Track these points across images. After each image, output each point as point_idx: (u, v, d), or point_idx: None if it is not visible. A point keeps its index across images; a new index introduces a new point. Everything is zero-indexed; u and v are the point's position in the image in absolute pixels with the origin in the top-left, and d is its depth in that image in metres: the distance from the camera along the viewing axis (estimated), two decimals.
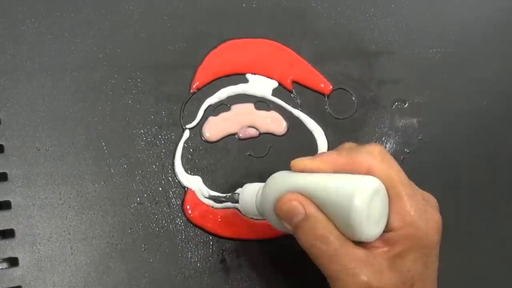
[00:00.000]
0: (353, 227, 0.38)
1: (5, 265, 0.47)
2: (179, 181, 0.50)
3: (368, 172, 0.39)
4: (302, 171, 0.42)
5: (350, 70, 0.55)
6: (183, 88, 0.52)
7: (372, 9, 0.57)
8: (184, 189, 0.50)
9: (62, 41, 0.51)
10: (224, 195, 0.50)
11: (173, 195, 0.50)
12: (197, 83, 0.52)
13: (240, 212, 0.50)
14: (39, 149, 0.49)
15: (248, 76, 0.53)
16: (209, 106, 0.52)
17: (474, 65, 0.59)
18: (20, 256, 0.47)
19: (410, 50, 0.57)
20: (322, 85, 0.54)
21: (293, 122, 0.53)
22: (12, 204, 0.47)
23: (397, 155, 0.54)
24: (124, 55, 0.52)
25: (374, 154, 0.40)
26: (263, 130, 0.52)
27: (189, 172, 0.51)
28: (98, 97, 0.51)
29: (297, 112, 0.53)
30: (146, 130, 0.51)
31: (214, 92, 0.52)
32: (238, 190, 0.47)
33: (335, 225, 0.39)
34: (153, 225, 0.49)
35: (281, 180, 0.42)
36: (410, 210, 0.39)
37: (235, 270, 0.50)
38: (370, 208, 0.38)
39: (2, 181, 0.48)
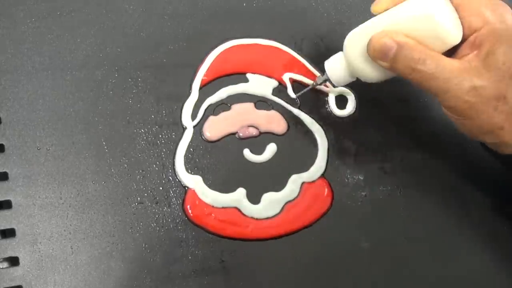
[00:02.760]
0: (439, 34, 0.43)
1: (5, 264, 0.47)
2: (179, 181, 0.50)
3: None
4: (384, 10, 0.45)
5: None
6: (184, 88, 0.52)
7: None
8: (185, 189, 0.50)
9: (62, 40, 0.51)
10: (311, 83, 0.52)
11: (173, 194, 0.50)
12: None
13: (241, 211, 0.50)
14: (40, 149, 0.49)
15: (248, 75, 0.53)
16: (209, 105, 0.52)
17: None
18: (20, 256, 0.47)
19: None
20: (323, 85, 0.54)
21: (293, 122, 0.53)
22: (13, 204, 0.47)
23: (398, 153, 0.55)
24: (124, 54, 0.52)
25: None
26: (263, 129, 0.52)
27: (189, 171, 0.51)
28: (99, 96, 0.51)
29: (297, 112, 0.53)
30: (146, 130, 0.51)
31: (215, 92, 0.52)
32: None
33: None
34: (153, 225, 0.49)
35: (360, 32, 0.46)
36: (485, 10, 0.43)
37: (235, 270, 0.50)
38: (445, 12, 0.43)
39: (3, 181, 0.48)
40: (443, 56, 0.43)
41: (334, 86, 0.51)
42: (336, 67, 0.48)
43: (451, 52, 0.44)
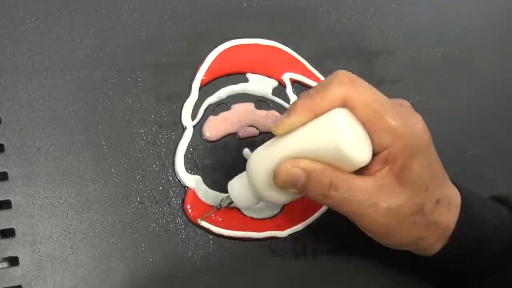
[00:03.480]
0: (346, 157, 0.39)
1: (5, 264, 0.47)
2: (179, 181, 0.50)
3: (344, 103, 0.40)
4: (287, 133, 0.41)
5: (350, 69, 0.54)
6: (184, 88, 0.52)
7: (372, 9, 0.57)
8: (185, 189, 0.50)
9: (62, 40, 0.51)
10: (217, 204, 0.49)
11: (173, 194, 0.50)
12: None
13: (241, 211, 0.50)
14: (40, 149, 0.49)
15: (248, 75, 0.53)
16: (209, 105, 0.52)
17: (474, 65, 0.59)
18: (20, 256, 0.47)
19: (410, 50, 0.57)
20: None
21: None
22: (13, 204, 0.47)
23: None
24: (124, 54, 0.52)
25: (344, 83, 0.40)
26: (263, 129, 0.52)
27: (189, 171, 0.51)
28: (98, 96, 0.51)
29: None
30: (146, 130, 0.51)
31: (214, 92, 0.52)
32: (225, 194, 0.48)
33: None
34: (153, 225, 0.49)
35: (264, 155, 0.43)
36: (395, 124, 0.40)
37: (235, 270, 0.50)
38: (351, 134, 0.39)
39: (3, 181, 0.47)
40: (355, 176, 0.40)
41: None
42: (241, 190, 0.45)
43: (363, 168, 0.41)
